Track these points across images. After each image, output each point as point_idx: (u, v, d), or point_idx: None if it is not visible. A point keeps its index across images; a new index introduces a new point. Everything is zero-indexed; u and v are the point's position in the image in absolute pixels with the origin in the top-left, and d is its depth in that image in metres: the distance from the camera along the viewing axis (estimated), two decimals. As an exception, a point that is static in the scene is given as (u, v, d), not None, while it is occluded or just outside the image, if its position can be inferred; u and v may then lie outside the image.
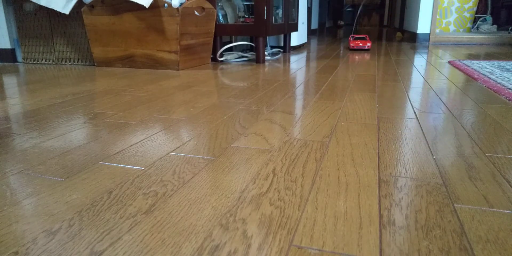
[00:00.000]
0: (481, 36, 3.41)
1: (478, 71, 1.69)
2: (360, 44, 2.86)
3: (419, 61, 2.18)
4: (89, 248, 0.43)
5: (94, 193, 0.56)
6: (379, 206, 0.52)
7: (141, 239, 0.44)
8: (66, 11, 1.90)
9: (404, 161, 0.68)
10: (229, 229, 0.46)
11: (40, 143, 0.79)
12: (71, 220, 0.48)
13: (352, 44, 2.87)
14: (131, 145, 0.77)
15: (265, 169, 0.64)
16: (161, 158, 0.70)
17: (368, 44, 2.86)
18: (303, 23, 3.13)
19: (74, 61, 2.09)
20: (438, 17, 3.87)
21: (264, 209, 0.51)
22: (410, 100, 1.17)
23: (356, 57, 2.43)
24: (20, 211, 0.51)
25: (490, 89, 1.33)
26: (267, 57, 2.38)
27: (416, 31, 3.57)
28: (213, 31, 2.11)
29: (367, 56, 2.48)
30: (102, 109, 1.08)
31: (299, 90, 1.34)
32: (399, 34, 4.58)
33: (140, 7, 1.80)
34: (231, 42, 2.33)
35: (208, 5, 1.99)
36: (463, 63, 1.98)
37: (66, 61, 2.10)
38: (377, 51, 2.84)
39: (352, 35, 3.20)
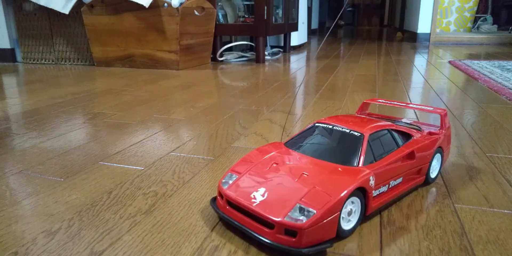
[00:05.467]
0: (481, 36, 3.41)
1: (479, 71, 1.69)
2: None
3: (420, 61, 2.18)
4: (89, 248, 0.42)
5: (93, 193, 0.56)
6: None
7: (141, 239, 0.44)
8: (66, 11, 1.90)
9: (405, 161, 0.68)
10: (229, 229, 0.46)
11: (39, 143, 0.78)
12: (71, 220, 0.48)
13: None
14: (131, 145, 0.77)
15: (265, 169, 0.64)
16: (161, 158, 0.70)
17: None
18: (303, 23, 3.12)
19: (73, 61, 2.09)
20: (438, 16, 3.87)
21: (264, 209, 0.51)
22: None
23: (356, 56, 2.43)
24: (19, 211, 0.51)
25: (491, 89, 1.32)
26: (267, 57, 2.38)
27: (417, 31, 3.57)
28: (213, 31, 2.11)
29: (366, 56, 2.48)
30: (101, 109, 1.08)
31: (299, 90, 1.34)
32: (399, 34, 4.58)
33: (140, 7, 1.79)
34: (231, 42, 2.33)
35: (208, 5, 1.99)
36: (464, 63, 1.98)
37: (65, 61, 2.10)
38: (378, 51, 2.84)
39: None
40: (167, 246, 0.43)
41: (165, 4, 1.74)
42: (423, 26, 3.52)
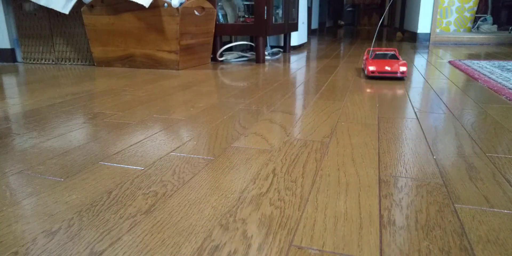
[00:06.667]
0: (481, 36, 3.41)
1: (479, 71, 1.69)
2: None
3: (420, 61, 2.18)
4: (88, 248, 0.43)
5: (93, 193, 0.56)
6: (380, 206, 0.52)
7: (141, 239, 0.44)
8: (66, 11, 1.90)
9: (405, 161, 0.68)
10: (229, 229, 0.46)
11: (39, 143, 0.78)
12: (71, 220, 0.48)
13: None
14: (131, 145, 0.77)
15: (265, 169, 0.64)
16: (161, 158, 0.70)
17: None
18: (303, 23, 3.12)
19: (73, 61, 2.09)
20: (438, 16, 3.87)
21: (264, 209, 0.51)
22: (410, 100, 1.16)
23: (356, 56, 2.42)
24: (19, 211, 0.51)
25: (491, 89, 1.32)
26: (267, 57, 2.38)
27: (417, 31, 3.57)
28: (213, 31, 2.11)
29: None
30: (101, 109, 1.08)
31: (299, 90, 1.34)
32: (399, 34, 4.58)
33: (140, 6, 1.79)
34: (231, 42, 2.33)
35: (208, 5, 1.99)
36: (464, 63, 1.98)
37: (65, 61, 2.10)
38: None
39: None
40: (167, 246, 0.43)
41: (165, 4, 1.74)
42: (423, 26, 3.52)
